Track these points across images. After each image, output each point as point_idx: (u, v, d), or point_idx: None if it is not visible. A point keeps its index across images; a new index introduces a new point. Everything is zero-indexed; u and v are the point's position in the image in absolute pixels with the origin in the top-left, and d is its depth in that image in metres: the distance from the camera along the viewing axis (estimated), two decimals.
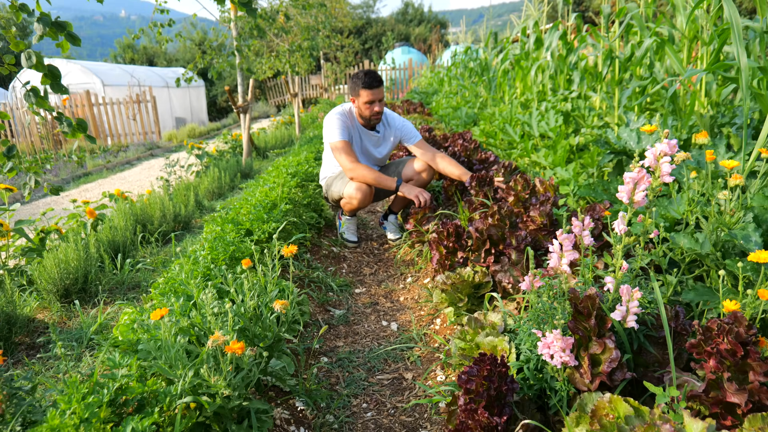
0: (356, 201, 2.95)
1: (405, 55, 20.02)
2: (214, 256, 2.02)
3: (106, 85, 17.09)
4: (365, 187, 2.93)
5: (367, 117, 3.00)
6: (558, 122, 3.56)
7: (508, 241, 1.98)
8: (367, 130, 3.10)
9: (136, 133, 15.52)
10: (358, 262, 3.05)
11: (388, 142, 3.22)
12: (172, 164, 5.82)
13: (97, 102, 14.89)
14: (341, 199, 3.08)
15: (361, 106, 2.98)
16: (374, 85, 2.89)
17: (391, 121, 3.19)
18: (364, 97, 2.91)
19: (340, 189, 3.03)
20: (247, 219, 2.63)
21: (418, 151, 3.12)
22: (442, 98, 10.08)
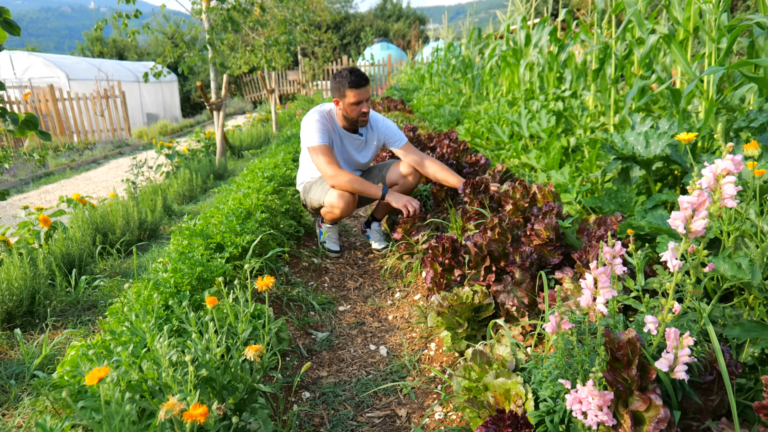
0: (338, 210, 2.71)
1: (384, 51, 19.77)
2: (178, 279, 1.75)
3: (72, 80, 16.36)
4: (348, 196, 2.69)
5: (353, 119, 2.76)
6: (550, 122, 3.39)
7: (511, 258, 1.78)
8: (349, 134, 2.87)
9: (105, 129, 14.89)
10: (341, 274, 2.81)
11: (371, 146, 2.99)
12: (140, 165, 5.45)
13: (62, 97, 14.21)
14: (321, 207, 2.83)
15: (347, 108, 2.73)
16: (361, 84, 2.65)
17: (375, 123, 2.97)
18: (351, 98, 2.67)
19: (320, 196, 2.79)
20: (218, 231, 2.37)
21: (404, 156, 2.91)
22: (423, 95, 9.88)
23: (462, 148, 3.39)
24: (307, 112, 2.84)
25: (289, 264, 2.74)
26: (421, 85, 11.95)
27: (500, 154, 4.00)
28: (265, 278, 1.19)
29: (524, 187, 2.22)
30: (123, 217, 3.46)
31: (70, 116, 14.43)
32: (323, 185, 2.81)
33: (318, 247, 3.12)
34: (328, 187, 2.76)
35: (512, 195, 2.24)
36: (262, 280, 1.19)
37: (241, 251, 2.28)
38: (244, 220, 2.55)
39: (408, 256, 2.62)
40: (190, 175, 5.01)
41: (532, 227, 1.85)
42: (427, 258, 1.94)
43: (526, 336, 1.72)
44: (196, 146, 7.34)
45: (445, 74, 8.53)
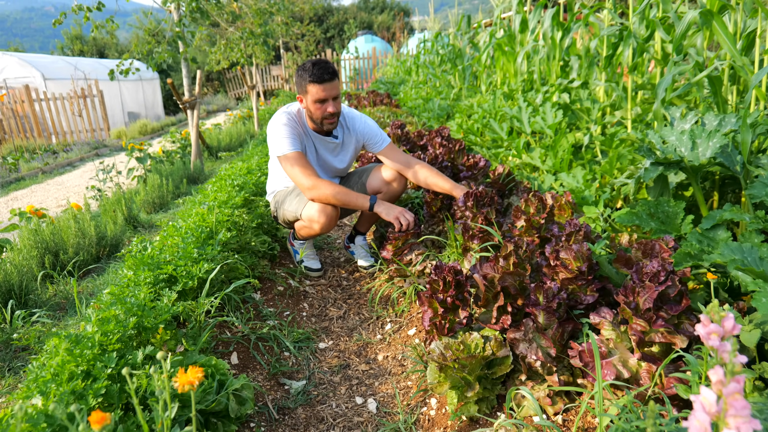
0: (318, 226, 2.31)
1: (368, 43, 19.27)
2: (102, 338, 1.35)
3: (48, 79, 15.72)
4: (330, 210, 2.29)
5: (317, 120, 2.34)
6: (557, 117, 3.01)
7: (533, 297, 1.40)
8: (322, 137, 2.46)
9: (83, 130, 14.31)
10: (322, 299, 2.42)
11: (349, 150, 2.59)
12: (107, 170, 5.01)
13: (38, 97, 13.61)
14: (297, 221, 2.44)
15: (311, 106, 2.31)
16: (325, 78, 2.22)
17: (351, 123, 2.56)
18: (313, 95, 2.25)
19: (296, 209, 2.39)
20: (172, 256, 1.96)
21: (388, 160, 2.52)
22: (410, 89, 9.46)
23: (458, 148, 3.01)
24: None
25: (262, 290, 2.34)
26: (407, 78, 11.53)
27: (498, 152, 3.62)
28: (189, 372, 0.79)
29: (540, 199, 1.84)
30: (77, 234, 3.03)
31: (47, 117, 13.85)
32: (300, 196, 2.41)
33: (296, 265, 2.72)
34: (306, 199, 2.36)
35: (525, 209, 1.86)
36: (185, 375, 0.79)
37: (197, 284, 1.88)
38: (205, 242, 2.15)
39: (400, 279, 2.23)
40: (161, 181, 4.57)
41: (557, 255, 1.47)
42: (424, 295, 1.55)
43: (554, 398, 1.34)
44: (171, 147, 6.87)
45: (433, 65, 8.12)
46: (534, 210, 1.83)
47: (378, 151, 2.55)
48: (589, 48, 3.80)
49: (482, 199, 1.99)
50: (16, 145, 12.47)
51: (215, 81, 29.85)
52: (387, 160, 2.53)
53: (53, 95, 13.56)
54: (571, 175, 2.64)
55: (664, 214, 1.63)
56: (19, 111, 13.65)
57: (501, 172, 2.87)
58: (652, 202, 1.65)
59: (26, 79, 15.37)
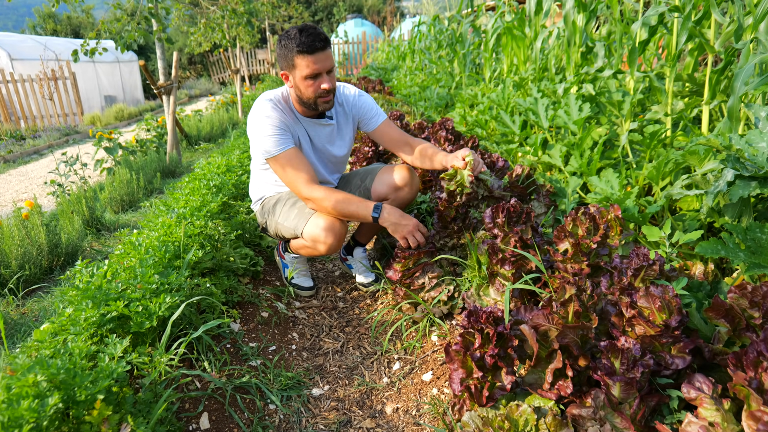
0: (324, 248, 1.92)
1: (358, 27, 18.67)
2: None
3: (15, 60, 14.87)
4: (339, 227, 1.90)
5: (310, 100, 1.90)
6: (583, 111, 2.64)
7: (604, 363, 1.04)
8: (314, 121, 2.03)
9: (54, 114, 13.59)
10: (315, 326, 2.04)
11: (347, 132, 2.17)
12: (71, 162, 4.52)
13: (5, 79, 12.84)
14: (295, 239, 2.03)
15: (300, 85, 1.86)
16: (317, 47, 1.78)
17: (344, 98, 2.13)
18: (303, 69, 1.81)
19: (295, 225, 1.97)
20: (127, 284, 1.55)
21: (383, 137, 2.13)
22: (404, 75, 9.01)
23: (471, 145, 2.62)
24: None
25: (242, 317, 1.95)
26: (401, 64, 11.06)
27: (511, 149, 3.25)
28: None
29: (592, 218, 1.47)
30: (21, 243, 2.59)
31: (15, 100, 13.09)
32: (299, 207, 2.00)
33: (284, 283, 2.32)
34: (309, 211, 1.95)
35: (572, 230, 1.49)
36: None
37: (157, 325, 1.48)
38: (170, 263, 1.74)
39: (409, 306, 1.85)
40: (130, 175, 4.10)
41: (632, 302, 1.10)
42: (454, 350, 1.17)
43: None
44: (146, 136, 6.36)
45: (430, 51, 7.68)
46: (584, 231, 1.46)
47: (373, 129, 2.14)
48: (610, 33, 3.43)
49: (516, 215, 1.61)
50: None
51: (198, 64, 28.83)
52: (384, 139, 2.14)
53: (21, 77, 12.80)
54: (604, 179, 2.28)
55: (755, 242, 1.28)
56: None
57: (520, 174, 2.50)
58: (739, 227, 1.29)
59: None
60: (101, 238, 3.26)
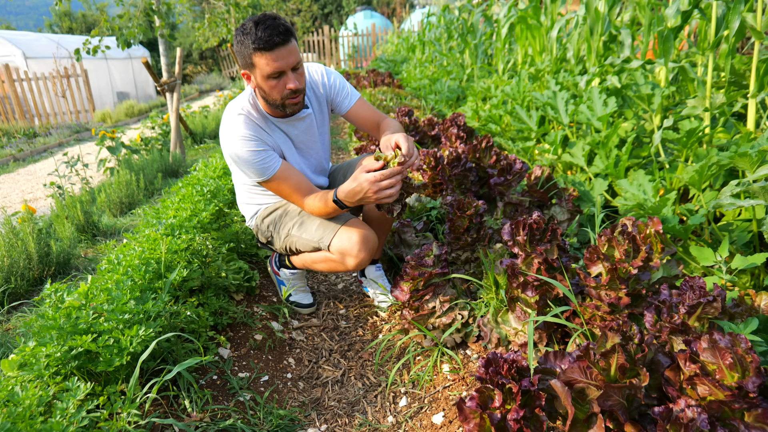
0: (355, 262, 1.71)
1: (368, 19, 18.36)
2: None
3: (29, 58, 14.93)
4: (373, 239, 1.71)
5: (277, 102, 1.65)
6: (609, 106, 2.40)
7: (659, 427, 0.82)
8: (290, 120, 1.79)
9: (67, 111, 13.63)
10: (313, 350, 1.85)
11: (324, 117, 1.94)
12: (72, 162, 4.39)
13: (19, 77, 12.89)
14: (314, 252, 1.83)
15: (263, 85, 1.61)
16: (275, 42, 1.52)
17: (313, 82, 1.88)
18: (263, 68, 1.57)
19: (320, 236, 1.75)
20: (100, 310, 1.38)
21: (358, 119, 1.92)
22: (413, 68, 8.76)
23: (484, 144, 2.40)
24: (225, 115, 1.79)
25: (233, 340, 1.77)
26: (410, 56, 10.79)
27: (528, 147, 3.01)
28: None
29: (631, 239, 1.24)
30: (6, 254, 2.44)
31: (29, 98, 13.14)
32: (306, 216, 1.82)
33: (280, 300, 2.14)
34: (336, 222, 1.75)
35: (607, 251, 1.27)
36: None
37: (129, 361, 1.30)
38: (151, 283, 1.56)
39: (418, 333, 1.65)
40: (130, 176, 3.95)
41: (693, 355, 0.89)
42: (468, 408, 0.97)
43: None
44: (150, 134, 6.22)
45: (440, 42, 7.42)
46: (621, 254, 1.24)
47: (347, 110, 1.91)
48: (633, 20, 3.16)
49: (539, 232, 1.40)
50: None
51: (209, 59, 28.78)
52: (359, 122, 1.92)
53: (35, 75, 12.83)
54: (635, 183, 2.05)
55: None
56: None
57: (539, 176, 2.29)
58: None
59: (6, 58, 14.58)
60: (97, 244, 3.11)
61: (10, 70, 12.81)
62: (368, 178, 1.50)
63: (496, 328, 1.48)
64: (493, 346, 1.46)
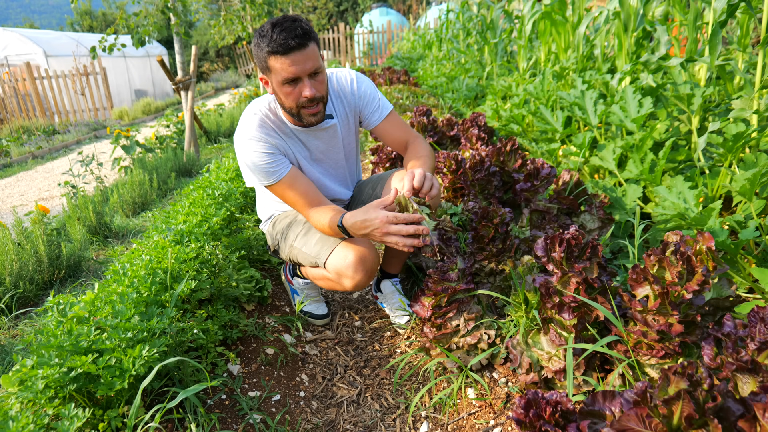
0: (351, 283, 1.59)
1: (383, 17, 18.22)
2: None
3: (49, 56, 15.12)
4: (371, 260, 1.58)
5: (293, 110, 1.54)
6: (643, 107, 2.24)
7: None
8: (308, 130, 1.67)
9: (86, 109, 13.79)
10: (327, 366, 1.74)
11: (350, 129, 1.80)
12: (86, 161, 4.36)
13: (40, 75, 13.08)
14: (314, 268, 1.73)
15: (278, 91, 1.52)
16: (291, 46, 1.40)
17: (341, 89, 1.73)
18: (279, 73, 1.46)
19: (317, 252, 1.65)
20: (103, 325, 1.29)
21: (386, 135, 1.78)
22: (430, 65, 8.61)
23: (509, 147, 2.27)
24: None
25: (242, 355, 1.67)
26: (426, 54, 10.63)
27: (553, 149, 2.87)
28: None
29: (686, 259, 1.11)
30: (15, 258, 2.39)
31: (49, 96, 13.33)
32: (312, 229, 1.71)
33: (292, 310, 2.04)
34: (334, 239, 1.63)
35: (657, 272, 1.14)
36: None
37: (135, 380, 1.21)
38: (158, 296, 1.47)
39: (440, 351, 1.54)
40: (143, 176, 3.90)
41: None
42: None
43: None
44: (165, 132, 6.20)
45: (458, 39, 7.26)
46: (674, 276, 1.11)
47: (375, 125, 1.77)
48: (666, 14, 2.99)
49: (578, 249, 1.27)
50: (18, 125, 11.99)
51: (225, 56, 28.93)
52: (386, 139, 1.78)
53: (55, 73, 13.00)
54: (674, 191, 1.90)
55: None
56: (20, 89, 13.16)
57: (567, 181, 2.15)
58: None
59: (28, 56, 14.78)
60: (109, 245, 3.05)
61: (32, 68, 12.99)
62: (380, 218, 1.38)
63: (527, 350, 1.36)
64: (524, 371, 1.34)
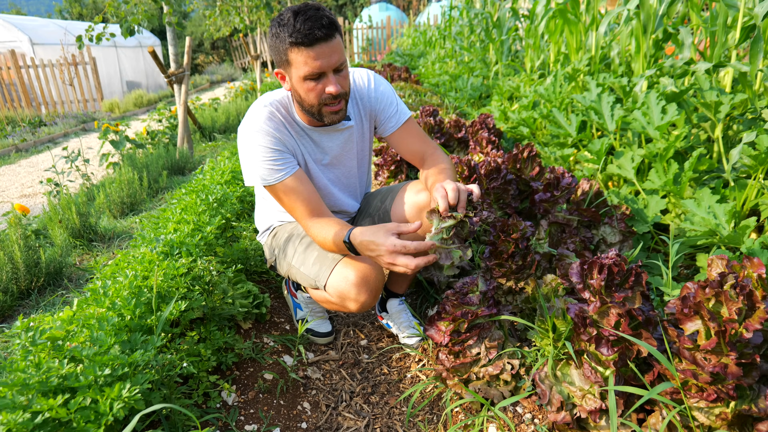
0: (356, 306, 1.43)
1: (383, 12, 18.02)
2: None
3: (36, 44, 14.74)
4: (375, 278, 1.41)
5: (313, 108, 1.40)
6: (668, 114, 2.11)
7: None
8: (325, 129, 1.54)
9: (75, 100, 13.47)
10: (332, 393, 1.60)
11: (366, 134, 1.66)
12: (72, 157, 4.16)
13: (26, 64, 12.75)
14: (316, 290, 1.53)
15: (298, 87, 1.36)
16: (316, 36, 1.26)
17: (358, 90, 1.59)
18: (300, 66, 1.31)
19: (315, 273, 1.49)
20: (79, 355, 1.13)
21: (404, 149, 1.62)
22: (432, 63, 8.46)
23: (526, 154, 2.13)
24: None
25: (238, 382, 1.52)
26: (428, 51, 10.48)
27: (567, 155, 2.74)
28: None
29: (747, 294, 0.97)
30: None
31: (35, 86, 12.99)
32: (311, 247, 1.54)
33: (293, 327, 1.89)
34: (334, 256, 1.47)
35: (713, 308, 1.00)
36: None
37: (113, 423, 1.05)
38: (141, 322, 1.31)
39: (457, 382, 1.39)
40: (132, 174, 3.72)
41: None
42: None
43: None
44: (157, 127, 6.00)
45: (461, 36, 7.11)
46: (733, 312, 0.97)
47: (391, 133, 1.61)
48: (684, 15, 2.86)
49: (620, 276, 1.13)
50: (2, 115, 11.68)
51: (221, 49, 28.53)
52: (401, 149, 1.62)
53: (42, 61, 12.66)
54: (703, 205, 1.77)
55: None
56: (5, 78, 12.80)
57: (587, 191, 2.02)
58: None
59: (12, 44, 14.40)
60: (93, 250, 2.88)
61: (17, 57, 12.65)
62: (387, 246, 1.23)
63: (557, 385, 1.22)
64: (554, 409, 1.20)
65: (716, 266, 1.15)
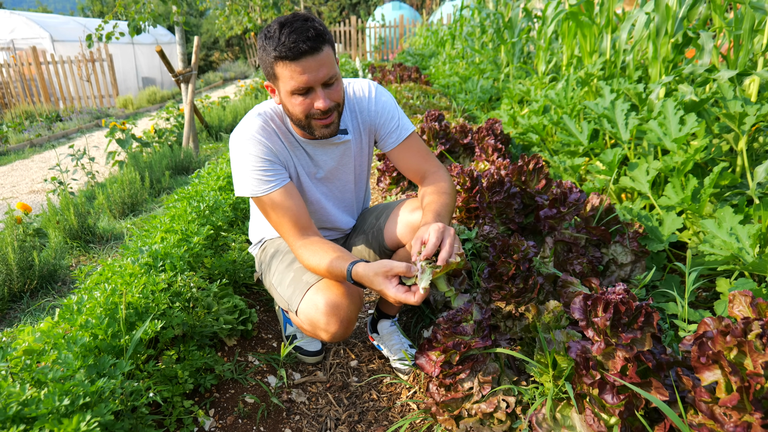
0: (327, 336, 1.33)
1: (396, 11, 17.90)
2: None
3: (56, 41, 14.96)
4: (347, 307, 1.31)
5: (302, 123, 1.32)
6: (687, 125, 1.98)
7: None
8: (317, 142, 1.45)
9: (91, 96, 13.62)
10: (316, 419, 1.50)
11: (364, 148, 1.56)
12: (77, 156, 4.14)
13: (46, 60, 12.93)
14: (293, 313, 1.45)
15: (286, 101, 1.30)
16: (302, 50, 1.18)
17: (357, 101, 1.50)
18: (287, 81, 1.24)
19: (289, 296, 1.40)
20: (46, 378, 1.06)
21: (403, 166, 1.52)
22: (442, 63, 8.32)
23: (532, 166, 2.01)
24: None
25: (217, 405, 1.44)
26: (439, 51, 10.34)
27: (577, 165, 2.61)
28: None
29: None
30: None
31: (54, 81, 13.17)
32: (296, 268, 1.44)
33: (281, 343, 1.80)
34: (307, 279, 1.37)
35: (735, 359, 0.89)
36: None
37: None
38: (110, 343, 1.23)
39: (447, 418, 1.29)
40: (134, 174, 3.67)
41: None
42: None
43: None
44: (165, 125, 5.97)
45: (472, 37, 6.97)
46: (759, 367, 0.85)
47: (391, 149, 1.52)
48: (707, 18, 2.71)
49: (628, 315, 1.01)
50: (22, 110, 11.85)
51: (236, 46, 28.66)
52: (401, 165, 1.53)
53: (61, 58, 12.82)
54: (725, 226, 1.64)
55: None
56: (26, 74, 13.01)
57: (596, 207, 1.89)
58: None
59: (34, 41, 14.64)
60: (90, 251, 2.83)
61: (38, 53, 12.82)
62: (383, 291, 1.17)
63: (556, 429, 1.11)
64: None
65: (739, 303, 1.03)
